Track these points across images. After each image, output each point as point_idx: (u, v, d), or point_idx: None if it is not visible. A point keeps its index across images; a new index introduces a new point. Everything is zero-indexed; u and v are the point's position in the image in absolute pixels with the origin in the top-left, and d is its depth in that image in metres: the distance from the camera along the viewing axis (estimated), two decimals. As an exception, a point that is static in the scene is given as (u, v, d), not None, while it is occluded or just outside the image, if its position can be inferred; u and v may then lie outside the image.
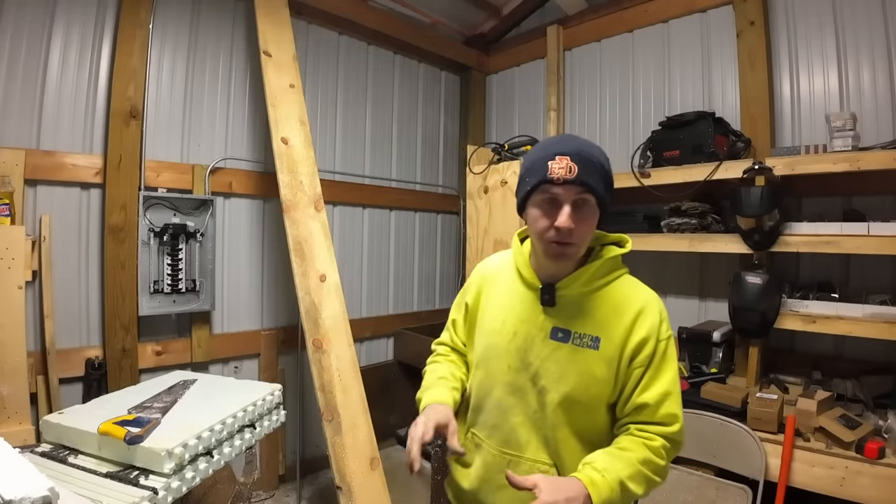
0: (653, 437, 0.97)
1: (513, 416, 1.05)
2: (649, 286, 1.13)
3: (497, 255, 1.24)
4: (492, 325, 1.11)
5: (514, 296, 1.09)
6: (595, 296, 1.03)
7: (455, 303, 1.27)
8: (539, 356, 1.03)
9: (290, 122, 2.43)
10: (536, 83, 3.44)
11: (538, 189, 0.96)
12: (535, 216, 0.98)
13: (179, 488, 1.41)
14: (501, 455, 1.06)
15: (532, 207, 0.99)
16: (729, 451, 1.69)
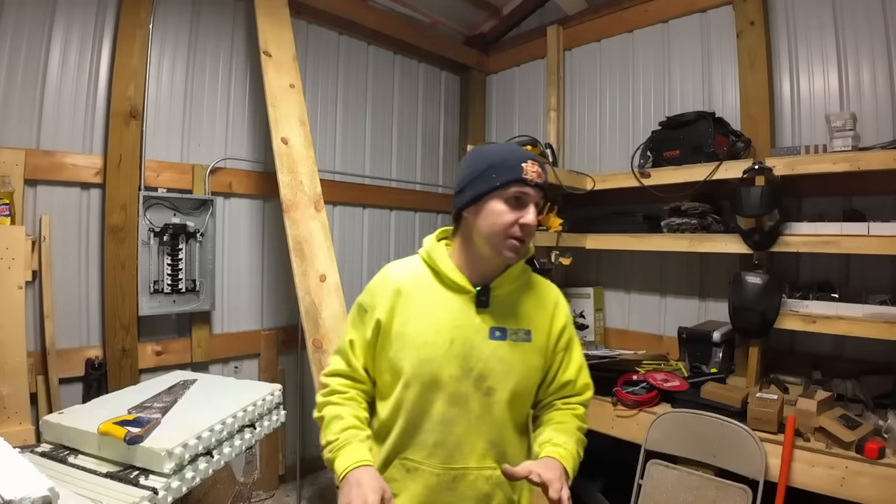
0: (576, 407, 1.14)
1: (456, 428, 1.04)
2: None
3: (401, 265, 1.14)
4: (423, 338, 1.04)
5: (441, 303, 1.06)
6: (520, 292, 1.12)
7: (352, 321, 1.13)
8: (481, 358, 1.04)
9: (290, 122, 2.43)
10: (536, 83, 3.44)
11: (509, 186, 0.99)
12: (500, 211, 1.00)
13: (179, 488, 1.41)
14: (446, 472, 1.03)
15: (497, 202, 1.00)
16: (729, 451, 1.69)
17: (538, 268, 2.35)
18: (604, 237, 2.63)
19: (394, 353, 1.05)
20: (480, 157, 1.06)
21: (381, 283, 1.11)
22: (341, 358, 1.13)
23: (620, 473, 2.01)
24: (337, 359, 1.14)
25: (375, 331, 1.08)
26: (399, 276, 1.10)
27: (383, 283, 1.10)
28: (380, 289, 1.10)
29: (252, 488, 1.95)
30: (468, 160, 1.08)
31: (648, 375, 2.02)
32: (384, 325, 1.07)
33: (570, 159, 3.20)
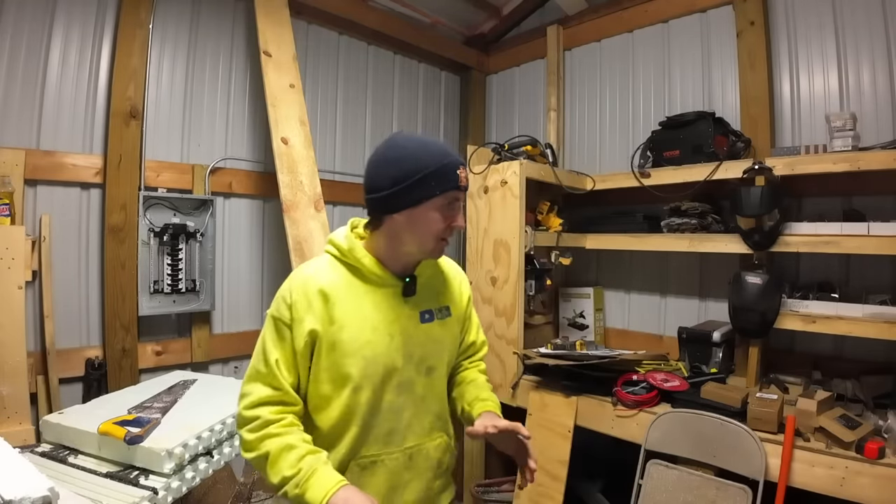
0: (479, 363, 1.32)
1: (405, 412, 1.11)
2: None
3: (314, 268, 1.08)
4: (363, 339, 1.03)
5: (369, 300, 1.06)
6: (434, 273, 1.19)
7: (270, 339, 1.03)
8: (419, 343, 1.11)
9: (290, 122, 2.43)
10: (536, 83, 3.44)
11: (446, 193, 1.03)
12: (434, 217, 1.04)
13: (179, 488, 1.41)
14: (403, 454, 1.11)
15: (430, 210, 1.03)
16: (729, 451, 1.69)
17: (539, 268, 2.35)
18: (604, 237, 2.63)
19: (335, 360, 1.02)
20: (413, 160, 1.01)
21: (302, 290, 1.03)
22: (262, 384, 1.01)
23: (620, 473, 2.01)
24: (256, 386, 1.02)
25: (309, 342, 1.02)
26: (319, 281, 1.04)
27: (305, 291, 1.03)
28: (302, 298, 1.02)
29: (252, 488, 1.95)
30: (396, 158, 1.03)
31: (648, 375, 2.02)
32: (321, 333, 1.02)
33: (570, 159, 3.20)
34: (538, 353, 2.17)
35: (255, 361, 1.05)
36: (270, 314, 1.05)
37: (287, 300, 1.03)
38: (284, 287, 1.06)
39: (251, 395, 1.02)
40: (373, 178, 1.06)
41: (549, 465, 2.04)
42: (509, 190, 2.26)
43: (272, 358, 1.02)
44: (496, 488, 2.42)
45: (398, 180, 1.01)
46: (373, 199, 1.06)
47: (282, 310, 1.03)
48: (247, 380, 1.05)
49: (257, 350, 1.05)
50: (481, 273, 2.40)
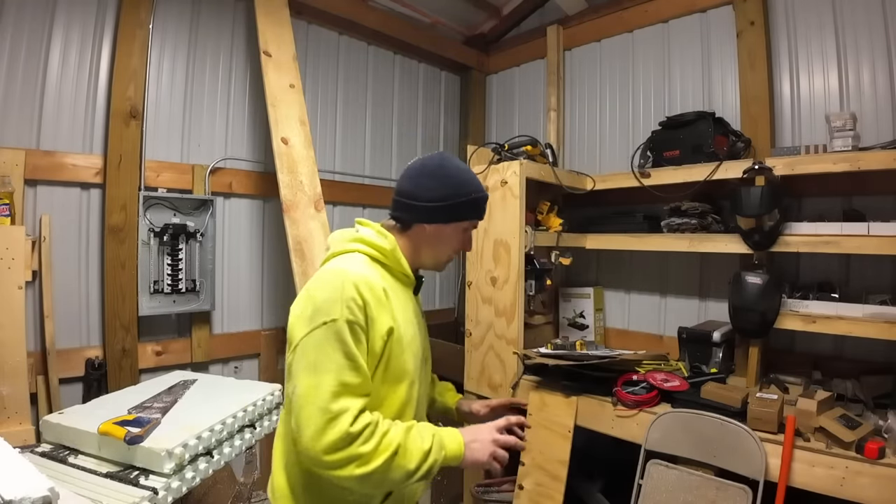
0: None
1: (420, 406, 1.17)
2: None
3: (361, 265, 1.06)
4: (410, 334, 1.09)
5: (404, 298, 1.13)
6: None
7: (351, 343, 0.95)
8: (425, 336, 1.22)
9: (290, 122, 2.43)
10: (536, 83, 3.44)
11: (472, 221, 1.18)
12: (457, 238, 1.18)
13: (179, 488, 1.41)
14: None
15: (456, 230, 1.16)
16: (729, 451, 1.69)
17: (539, 268, 2.35)
18: (604, 237, 2.62)
19: (398, 356, 1.05)
20: (463, 183, 1.13)
21: (369, 289, 1.00)
22: (355, 396, 0.94)
23: (620, 473, 2.01)
24: (350, 401, 0.93)
25: (385, 342, 1.01)
26: (376, 279, 1.05)
27: (372, 289, 1.01)
28: (373, 296, 1.00)
29: (252, 488, 1.95)
30: (449, 176, 1.13)
31: (648, 375, 2.02)
32: (396, 331, 1.04)
33: (570, 159, 3.20)
34: (538, 353, 2.17)
35: (337, 374, 0.93)
36: (342, 319, 0.95)
37: (358, 301, 0.97)
38: (345, 288, 0.97)
39: (349, 409, 0.92)
40: (419, 186, 1.12)
41: (549, 465, 2.04)
42: (509, 190, 2.26)
43: (362, 363, 0.96)
44: (496, 488, 2.42)
45: (446, 197, 1.10)
46: (412, 205, 1.12)
47: (356, 312, 0.97)
48: (332, 397, 0.91)
49: (333, 361, 0.93)
50: (481, 273, 2.40)
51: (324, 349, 0.94)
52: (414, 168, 1.16)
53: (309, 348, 0.95)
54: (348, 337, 0.95)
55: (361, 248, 1.10)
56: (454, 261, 3.81)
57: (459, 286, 3.74)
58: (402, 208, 1.14)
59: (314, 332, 0.95)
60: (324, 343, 0.94)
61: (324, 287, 1.00)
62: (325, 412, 0.90)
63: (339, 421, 0.90)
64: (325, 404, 0.90)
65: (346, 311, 0.96)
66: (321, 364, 0.93)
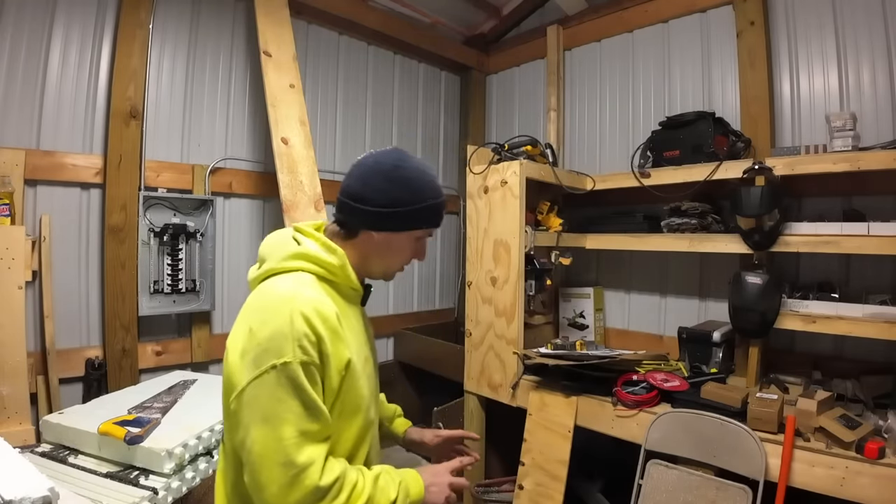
0: None
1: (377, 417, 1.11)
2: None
3: (307, 291, 0.91)
4: (363, 356, 1.01)
5: (352, 315, 1.02)
6: None
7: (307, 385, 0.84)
8: (373, 348, 1.12)
9: (290, 122, 2.43)
10: (536, 83, 3.44)
11: (427, 229, 1.05)
12: (409, 247, 1.05)
13: (179, 488, 1.41)
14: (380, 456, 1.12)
15: (408, 239, 1.04)
16: (729, 451, 1.69)
17: (539, 268, 2.35)
18: (604, 237, 2.62)
19: (353, 385, 0.93)
20: (416, 189, 0.99)
21: (322, 319, 0.87)
22: (317, 442, 0.85)
23: (620, 473, 2.01)
24: (314, 448, 0.84)
25: (343, 376, 0.91)
26: (328, 305, 0.91)
27: (325, 321, 0.88)
28: (325, 329, 0.88)
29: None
30: (400, 180, 0.98)
31: (648, 375, 2.02)
32: (353, 361, 0.93)
33: (570, 159, 3.20)
34: (538, 353, 2.17)
35: (297, 424, 0.82)
36: (296, 361, 0.83)
37: (311, 337, 0.85)
38: (294, 323, 0.85)
39: (316, 461, 0.83)
40: (370, 187, 0.98)
41: (549, 465, 2.04)
42: (509, 190, 2.26)
43: (322, 408, 0.86)
44: (496, 488, 2.42)
45: (395, 202, 0.97)
46: (359, 209, 0.98)
47: (310, 351, 0.85)
48: (294, 449, 0.81)
49: (290, 410, 0.82)
50: (481, 273, 2.40)
51: (277, 397, 0.82)
52: (365, 166, 1.00)
53: (260, 397, 0.82)
54: (304, 381, 0.83)
55: (305, 265, 0.96)
56: (454, 261, 3.84)
57: (459, 286, 3.74)
58: (348, 211, 0.99)
59: (263, 377, 0.82)
60: (276, 390, 0.82)
61: (268, 320, 0.86)
62: (288, 467, 0.81)
63: (306, 475, 0.81)
64: (288, 458, 0.81)
65: (298, 351, 0.84)
66: (277, 414, 0.82)
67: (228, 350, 0.90)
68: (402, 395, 3.27)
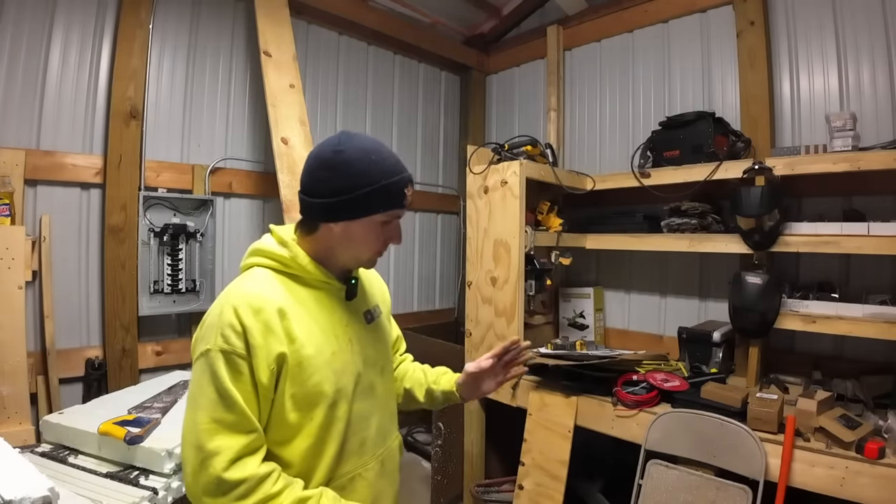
0: (408, 355, 1.40)
1: (372, 418, 1.06)
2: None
3: (256, 284, 0.95)
4: (329, 351, 0.96)
5: (321, 309, 0.99)
6: (362, 274, 1.15)
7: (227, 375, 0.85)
8: (370, 344, 1.08)
9: (290, 122, 2.43)
10: (536, 83, 3.44)
11: (389, 212, 0.98)
12: (372, 235, 0.99)
13: (179, 488, 1.41)
14: (376, 461, 1.07)
15: (369, 226, 0.97)
16: (729, 451, 1.69)
17: (539, 268, 2.35)
18: (604, 237, 2.62)
19: (303, 381, 0.91)
20: (360, 173, 0.93)
21: (253, 312, 0.88)
22: (233, 433, 0.85)
23: (620, 473, 2.01)
24: (226, 438, 0.84)
25: (275, 371, 0.89)
26: (270, 297, 0.92)
27: (258, 312, 0.88)
28: (256, 320, 0.88)
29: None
30: (341, 165, 0.93)
31: (648, 375, 2.02)
32: (290, 356, 0.90)
33: (570, 159, 3.20)
34: (538, 353, 2.17)
35: (210, 410, 0.84)
36: (216, 349, 0.86)
37: (236, 328, 0.86)
38: (223, 314, 0.88)
39: (224, 450, 0.83)
40: (313, 180, 0.96)
41: (549, 465, 2.04)
42: (509, 190, 2.26)
43: (236, 398, 0.85)
44: (496, 488, 2.42)
45: (340, 191, 0.92)
46: (310, 203, 0.96)
47: (232, 340, 0.86)
48: (206, 435, 0.83)
49: (205, 396, 0.85)
50: (481, 273, 2.40)
51: (199, 382, 0.87)
52: (310, 157, 0.98)
53: (192, 379, 0.89)
54: (221, 369, 0.85)
55: (261, 260, 0.99)
56: (454, 261, 3.84)
57: (459, 286, 3.74)
58: (303, 206, 0.98)
59: (196, 361, 0.89)
60: (200, 375, 0.88)
61: (210, 313, 0.92)
62: (198, 450, 0.84)
63: (211, 462, 0.82)
64: (199, 442, 0.84)
65: (220, 339, 0.86)
66: (196, 398, 0.87)
67: None
68: (402, 395, 3.27)
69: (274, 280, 0.97)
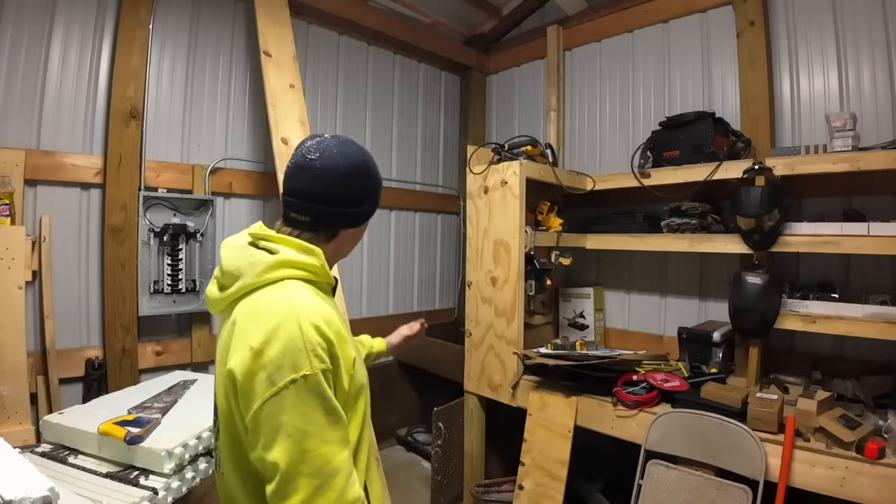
0: None
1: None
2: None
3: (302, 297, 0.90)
4: (354, 344, 0.99)
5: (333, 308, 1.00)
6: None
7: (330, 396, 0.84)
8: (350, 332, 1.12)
9: (290, 122, 2.43)
10: (536, 83, 3.44)
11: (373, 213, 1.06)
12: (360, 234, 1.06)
13: (179, 488, 1.41)
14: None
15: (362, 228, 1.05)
16: (729, 451, 1.69)
17: (539, 268, 2.35)
18: (604, 237, 2.63)
19: (355, 377, 0.94)
20: (378, 176, 1.04)
21: (327, 325, 0.88)
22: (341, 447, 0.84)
23: (620, 473, 2.01)
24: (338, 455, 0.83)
25: (350, 374, 0.91)
26: (323, 304, 0.92)
27: (329, 324, 0.88)
28: (332, 332, 0.88)
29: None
30: (371, 172, 1.01)
31: (648, 375, 2.02)
32: (355, 373, 0.94)
33: (570, 159, 3.20)
34: (538, 353, 2.17)
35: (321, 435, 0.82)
36: (315, 371, 0.82)
37: (322, 345, 0.85)
38: (306, 333, 0.84)
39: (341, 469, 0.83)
40: (352, 188, 0.97)
41: (549, 465, 2.04)
42: (509, 190, 2.26)
43: (341, 413, 0.86)
44: (496, 488, 2.42)
45: (372, 196, 1.02)
46: (343, 213, 0.98)
47: (325, 359, 0.84)
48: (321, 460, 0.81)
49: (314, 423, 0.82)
50: (481, 273, 2.40)
51: (301, 410, 0.81)
52: (340, 169, 0.96)
53: (286, 408, 0.81)
54: (327, 390, 0.84)
55: (291, 272, 0.93)
56: (454, 261, 3.84)
57: (459, 286, 3.74)
58: (327, 217, 0.98)
59: (285, 390, 0.81)
60: (300, 402, 0.81)
61: (275, 337, 0.82)
62: (313, 477, 0.80)
63: (332, 484, 0.82)
64: (314, 470, 0.81)
65: (316, 361, 0.83)
66: (301, 428, 0.81)
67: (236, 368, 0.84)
68: (402, 394, 3.27)
69: (309, 289, 0.94)
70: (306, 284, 0.94)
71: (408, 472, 2.91)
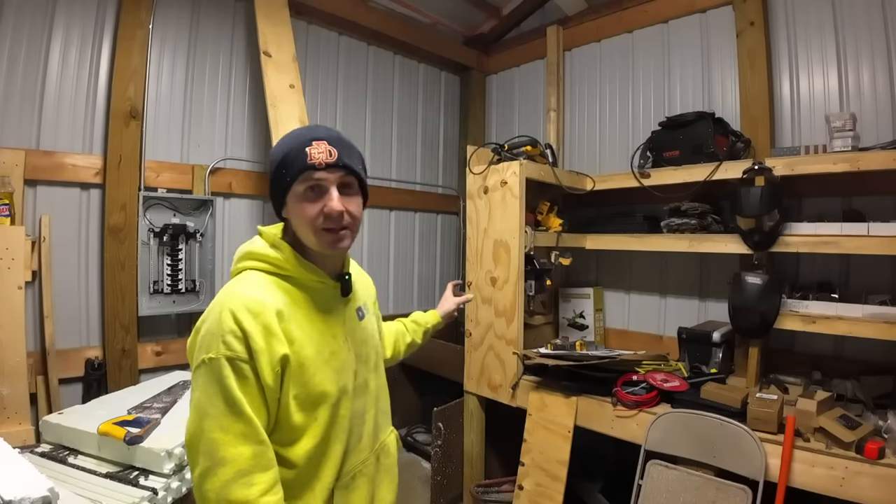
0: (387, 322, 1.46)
1: (367, 415, 1.08)
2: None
3: (251, 287, 0.92)
4: (328, 350, 0.96)
5: (316, 308, 0.98)
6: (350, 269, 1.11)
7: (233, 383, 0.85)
8: (363, 341, 1.09)
9: (290, 122, 2.43)
10: (536, 83, 3.44)
11: (299, 178, 0.92)
12: (301, 208, 0.93)
13: (179, 488, 1.41)
14: (373, 456, 1.09)
15: (296, 200, 0.94)
16: (729, 451, 1.69)
17: (539, 268, 2.35)
18: (604, 237, 2.63)
19: (305, 382, 0.92)
20: (275, 153, 0.97)
21: (253, 315, 0.87)
22: (239, 442, 0.84)
23: (620, 473, 2.01)
24: (232, 448, 0.83)
25: (279, 373, 0.88)
26: (267, 299, 0.90)
27: (258, 315, 0.87)
28: (254, 325, 0.86)
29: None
30: (272, 155, 0.99)
31: (648, 375, 2.02)
32: (292, 358, 0.90)
33: (570, 159, 3.20)
34: (538, 353, 2.17)
35: (218, 419, 0.84)
36: (220, 356, 0.85)
37: (237, 333, 0.85)
38: (222, 320, 0.87)
39: (231, 461, 0.83)
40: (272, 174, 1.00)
41: (549, 465, 2.04)
42: (509, 190, 2.26)
43: (244, 406, 0.84)
44: (496, 488, 2.42)
45: (271, 180, 0.98)
46: (273, 197, 1.00)
47: (235, 346, 0.85)
48: (214, 444, 0.83)
49: (214, 405, 0.84)
50: (481, 273, 2.40)
51: (206, 390, 0.86)
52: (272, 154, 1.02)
53: (196, 385, 0.88)
54: (229, 377, 0.84)
55: (254, 263, 0.97)
56: (454, 261, 3.83)
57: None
58: (274, 203, 1.02)
59: (198, 369, 0.87)
60: (205, 383, 0.86)
61: (206, 318, 0.91)
62: (207, 457, 0.84)
63: (217, 472, 0.84)
64: (208, 449, 0.84)
65: (222, 346, 0.85)
66: (203, 406, 0.85)
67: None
68: (402, 395, 3.26)
69: (268, 282, 0.95)
70: (269, 276, 0.96)
71: (408, 472, 2.91)
